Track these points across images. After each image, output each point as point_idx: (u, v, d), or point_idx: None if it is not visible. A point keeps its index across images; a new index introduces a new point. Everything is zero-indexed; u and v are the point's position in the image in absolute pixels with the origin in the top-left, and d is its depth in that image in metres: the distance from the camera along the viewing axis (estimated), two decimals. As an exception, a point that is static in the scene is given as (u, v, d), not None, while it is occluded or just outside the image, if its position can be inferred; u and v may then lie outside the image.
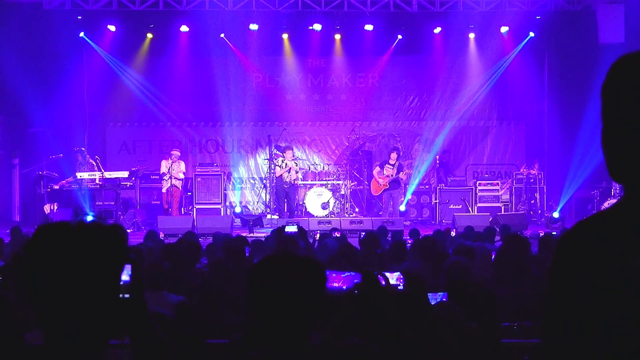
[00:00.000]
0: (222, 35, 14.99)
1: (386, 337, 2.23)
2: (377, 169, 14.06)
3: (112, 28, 14.52)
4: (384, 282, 2.34)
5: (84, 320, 1.50)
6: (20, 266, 1.51)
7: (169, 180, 13.28)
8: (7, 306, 2.89)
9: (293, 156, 13.69)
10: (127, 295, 1.61)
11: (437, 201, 14.44)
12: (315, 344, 1.87)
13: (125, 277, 1.62)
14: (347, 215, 13.73)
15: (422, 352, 2.55)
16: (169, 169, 13.34)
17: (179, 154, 13.74)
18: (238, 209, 14.84)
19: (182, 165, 13.61)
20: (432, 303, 3.45)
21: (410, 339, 2.36)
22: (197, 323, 3.96)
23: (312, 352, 1.84)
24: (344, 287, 2.89)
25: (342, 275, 2.92)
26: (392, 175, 13.74)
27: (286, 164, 13.29)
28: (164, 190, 13.36)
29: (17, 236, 8.04)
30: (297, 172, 13.49)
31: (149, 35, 15.07)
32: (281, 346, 1.82)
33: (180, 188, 13.62)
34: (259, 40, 15.08)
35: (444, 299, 3.65)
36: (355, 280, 2.94)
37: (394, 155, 13.86)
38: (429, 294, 3.61)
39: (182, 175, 13.57)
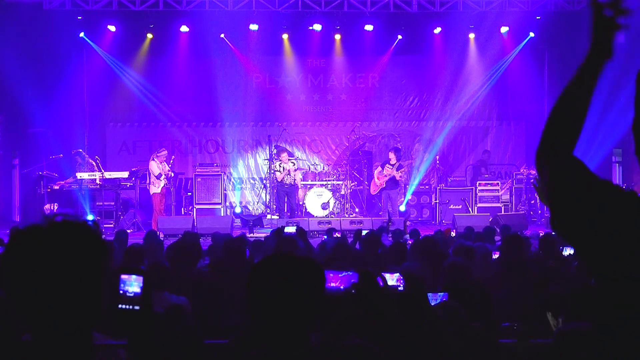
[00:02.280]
0: (222, 35, 14.99)
1: (386, 337, 2.23)
2: (379, 168, 14.04)
3: (112, 28, 14.51)
4: (382, 283, 2.34)
5: (68, 319, 1.51)
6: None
7: (163, 180, 13.10)
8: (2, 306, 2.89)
9: (289, 157, 13.57)
10: (136, 307, 1.62)
11: (437, 201, 14.45)
12: (315, 343, 1.87)
13: (136, 289, 1.64)
14: (347, 216, 13.72)
15: (422, 352, 2.55)
16: (170, 168, 13.27)
17: (167, 152, 13.55)
18: (238, 209, 14.84)
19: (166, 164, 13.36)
20: (433, 303, 3.45)
21: (410, 339, 2.35)
22: (194, 324, 3.96)
23: (312, 352, 1.84)
24: (342, 287, 2.88)
25: (340, 275, 2.92)
26: (389, 175, 13.71)
27: (283, 168, 13.17)
28: (158, 190, 12.82)
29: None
30: (296, 171, 13.37)
31: (149, 36, 15.05)
32: (281, 347, 1.82)
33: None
34: (259, 40, 15.07)
35: (445, 299, 3.64)
36: (353, 280, 2.93)
37: (392, 155, 13.82)
38: (429, 294, 3.61)
39: (172, 174, 13.48)
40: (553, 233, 8.96)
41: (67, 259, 1.50)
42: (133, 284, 1.64)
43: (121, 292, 1.65)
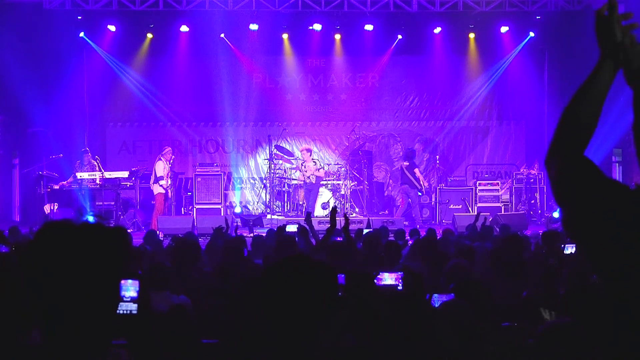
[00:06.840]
0: (222, 35, 14.99)
1: (381, 336, 2.22)
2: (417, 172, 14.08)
3: (112, 28, 14.52)
4: (380, 282, 2.34)
5: (82, 321, 1.49)
6: (21, 262, 1.51)
7: (167, 180, 13.12)
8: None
9: (311, 156, 13.98)
10: (134, 312, 1.62)
11: (437, 201, 14.45)
12: (317, 345, 1.85)
13: (132, 293, 1.64)
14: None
15: (421, 351, 2.55)
16: (170, 168, 13.29)
17: (170, 150, 13.60)
18: (238, 209, 14.84)
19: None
20: (439, 304, 3.44)
21: (408, 338, 2.35)
22: (195, 324, 3.96)
23: (318, 355, 1.81)
24: None
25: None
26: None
27: (305, 166, 13.61)
28: (162, 190, 12.93)
29: (16, 236, 8.02)
30: (319, 170, 13.85)
31: (149, 35, 15.06)
32: (289, 349, 1.79)
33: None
34: (259, 40, 15.07)
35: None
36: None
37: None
38: (436, 296, 3.61)
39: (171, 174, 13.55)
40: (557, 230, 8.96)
41: (94, 259, 1.49)
42: (129, 289, 1.65)
43: None
